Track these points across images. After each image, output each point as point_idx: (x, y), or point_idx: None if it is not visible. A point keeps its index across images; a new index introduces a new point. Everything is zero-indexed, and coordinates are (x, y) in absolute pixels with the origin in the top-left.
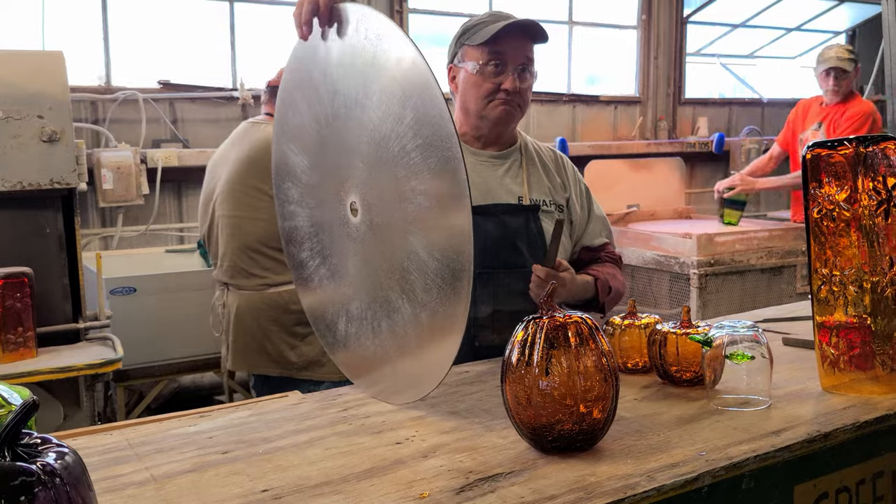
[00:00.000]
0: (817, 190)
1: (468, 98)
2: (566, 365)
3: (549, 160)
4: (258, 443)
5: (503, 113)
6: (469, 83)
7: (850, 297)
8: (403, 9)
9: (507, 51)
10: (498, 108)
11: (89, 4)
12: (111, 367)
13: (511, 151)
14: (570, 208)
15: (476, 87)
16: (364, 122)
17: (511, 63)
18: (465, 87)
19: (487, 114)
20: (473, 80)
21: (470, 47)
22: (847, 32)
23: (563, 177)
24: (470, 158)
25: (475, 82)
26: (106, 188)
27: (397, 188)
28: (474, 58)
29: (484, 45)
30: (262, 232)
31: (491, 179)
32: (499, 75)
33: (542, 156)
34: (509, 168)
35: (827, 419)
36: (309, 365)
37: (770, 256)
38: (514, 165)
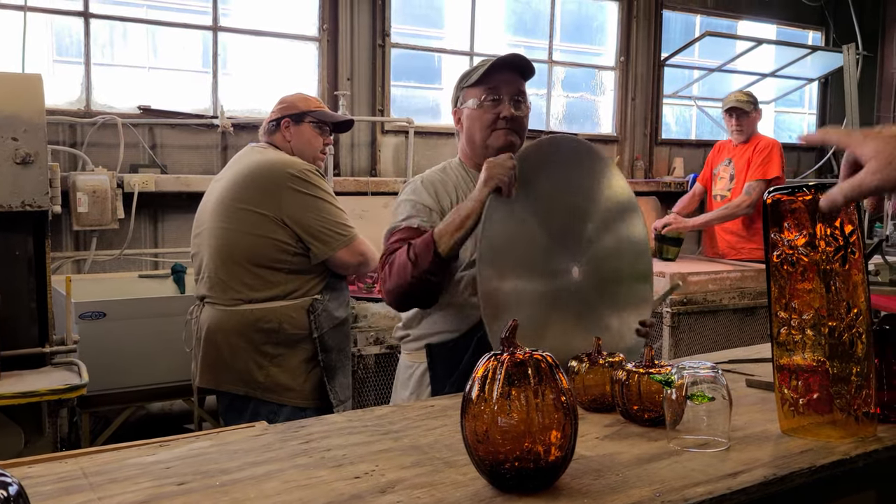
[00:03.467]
0: (777, 235)
1: (473, 131)
2: (525, 402)
3: None
4: (216, 474)
5: (505, 141)
6: (472, 118)
7: (809, 341)
8: (386, 43)
9: (501, 85)
10: (500, 137)
11: (71, 28)
12: (75, 393)
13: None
14: None
15: (478, 119)
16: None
17: (506, 95)
18: (468, 122)
19: (491, 143)
20: (475, 114)
21: (469, 88)
22: (820, 80)
23: None
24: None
25: (477, 116)
26: (81, 211)
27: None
28: (474, 96)
29: (479, 83)
30: (246, 245)
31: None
32: (497, 106)
33: None
34: None
35: (784, 462)
36: (275, 387)
37: (742, 297)
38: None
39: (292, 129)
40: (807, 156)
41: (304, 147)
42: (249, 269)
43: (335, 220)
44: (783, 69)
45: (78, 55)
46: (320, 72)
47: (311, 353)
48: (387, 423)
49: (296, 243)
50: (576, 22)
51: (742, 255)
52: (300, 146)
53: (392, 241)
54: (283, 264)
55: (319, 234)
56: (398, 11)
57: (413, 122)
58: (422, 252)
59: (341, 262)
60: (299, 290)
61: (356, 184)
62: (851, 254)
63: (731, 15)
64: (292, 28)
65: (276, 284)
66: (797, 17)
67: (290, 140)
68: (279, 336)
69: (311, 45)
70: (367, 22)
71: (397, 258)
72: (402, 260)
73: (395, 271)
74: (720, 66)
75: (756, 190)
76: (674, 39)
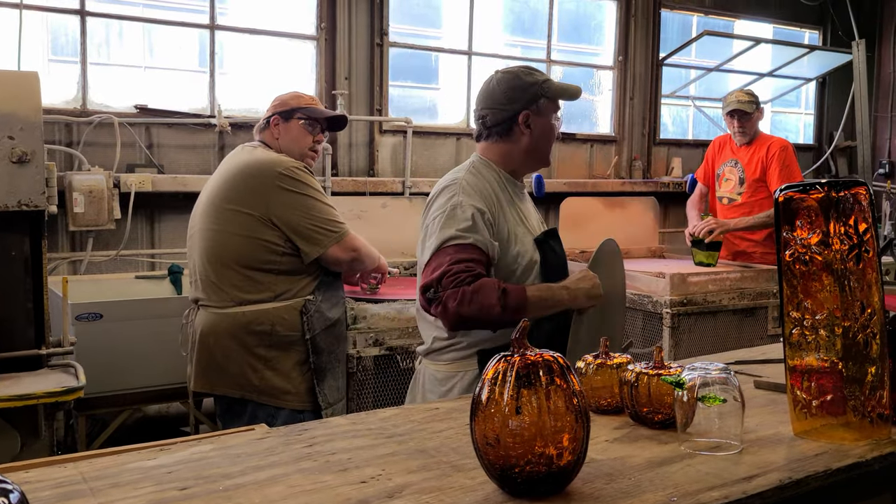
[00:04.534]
0: (789, 233)
1: (544, 144)
2: (536, 405)
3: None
4: (218, 479)
5: (549, 161)
6: (546, 131)
7: (822, 342)
8: (384, 42)
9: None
10: (550, 155)
11: (67, 26)
12: (72, 395)
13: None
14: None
15: (551, 135)
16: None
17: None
18: (541, 133)
19: (547, 159)
20: (551, 127)
21: (548, 100)
22: (817, 79)
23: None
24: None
25: (552, 129)
26: (77, 211)
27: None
28: (553, 110)
29: (556, 100)
30: (235, 247)
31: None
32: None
33: None
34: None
35: (799, 465)
36: (271, 390)
37: (742, 297)
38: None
39: (281, 127)
40: (805, 155)
41: (292, 144)
42: (239, 270)
43: (325, 216)
44: (781, 69)
45: (74, 54)
46: (318, 71)
47: (304, 355)
48: (391, 426)
49: (284, 243)
50: (574, 21)
51: (754, 260)
52: (287, 143)
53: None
54: (272, 265)
55: (307, 232)
56: (396, 10)
57: (412, 122)
58: (515, 306)
59: (334, 259)
60: (290, 290)
61: (354, 184)
62: (866, 252)
63: (729, 14)
64: (290, 27)
65: (266, 286)
66: (794, 16)
67: (278, 137)
68: (272, 338)
69: (308, 44)
70: (365, 21)
71: (483, 295)
72: (489, 301)
73: (476, 305)
74: (718, 66)
75: None
76: (670, 39)
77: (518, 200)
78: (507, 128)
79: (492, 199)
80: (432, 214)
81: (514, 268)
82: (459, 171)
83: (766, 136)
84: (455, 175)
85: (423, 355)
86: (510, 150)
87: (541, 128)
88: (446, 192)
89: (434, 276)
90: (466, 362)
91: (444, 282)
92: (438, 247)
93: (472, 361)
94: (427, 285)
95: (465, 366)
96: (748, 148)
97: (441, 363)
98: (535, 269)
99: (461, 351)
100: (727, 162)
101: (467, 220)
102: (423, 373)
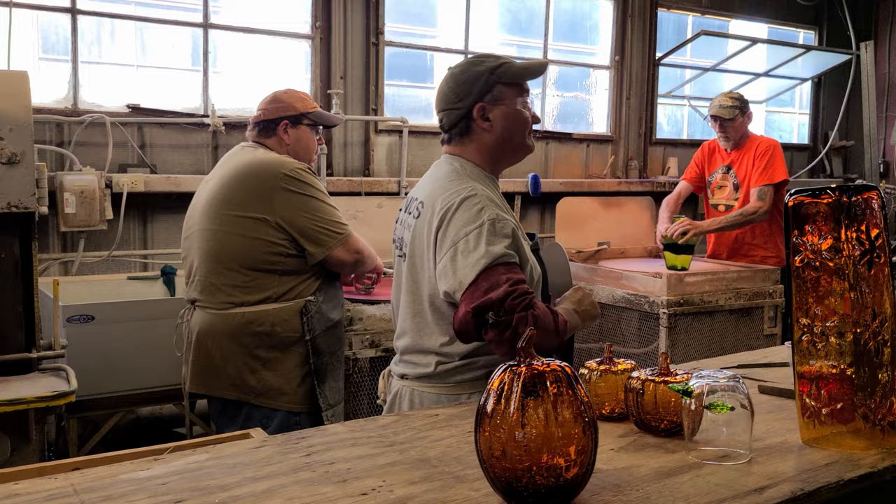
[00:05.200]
0: (799, 238)
1: (514, 133)
2: (543, 416)
3: None
4: (214, 490)
5: (532, 145)
6: (511, 119)
7: (832, 349)
8: (380, 41)
9: (527, 87)
10: (531, 141)
11: (58, 25)
12: (63, 400)
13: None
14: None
15: (520, 121)
16: None
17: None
18: (508, 122)
19: (528, 144)
20: (516, 115)
21: (506, 86)
22: (813, 80)
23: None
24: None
25: (517, 117)
26: (68, 212)
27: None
28: (512, 95)
29: (518, 83)
30: (236, 247)
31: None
32: (529, 109)
33: None
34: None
35: (810, 476)
36: (268, 392)
37: (738, 297)
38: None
39: (290, 132)
40: (800, 155)
41: (302, 150)
42: (241, 271)
43: (330, 218)
44: (776, 69)
45: (65, 52)
46: (313, 70)
47: (304, 357)
48: (391, 434)
49: (290, 244)
50: (570, 21)
51: (753, 261)
52: (299, 149)
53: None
54: (276, 266)
55: (314, 234)
56: (391, 9)
57: (407, 122)
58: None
59: (338, 261)
60: (292, 291)
61: (349, 184)
62: (877, 258)
63: (724, 14)
64: (284, 26)
65: (268, 286)
66: (790, 16)
67: (290, 143)
68: (272, 339)
69: (303, 43)
70: (360, 20)
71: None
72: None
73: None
74: (714, 66)
75: (768, 195)
76: (666, 39)
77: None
78: (466, 126)
79: (504, 208)
80: (461, 229)
81: (532, 283)
82: (463, 179)
83: (755, 138)
84: (464, 183)
85: (413, 379)
86: (477, 148)
87: (502, 118)
88: (469, 203)
89: (493, 298)
90: (479, 383)
91: (507, 304)
92: (489, 265)
93: (482, 383)
94: (484, 307)
95: (476, 386)
96: (738, 152)
97: (445, 385)
98: (540, 283)
99: (474, 371)
100: (719, 169)
101: (509, 236)
102: (411, 396)
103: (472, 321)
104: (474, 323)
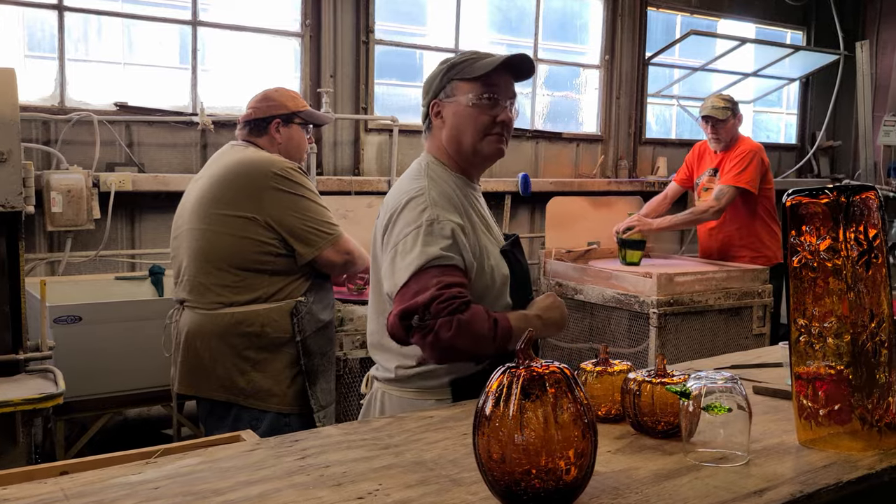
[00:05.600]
0: (797, 238)
1: (462, 131)
2: (543, 419)
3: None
4: (208, 495)
5: (496, 149)
6: (462, 116)
7: (830, 350)
8: (370, 40)
9: (500, 84)
10: (493, 143)
11: (44, 22)
12: (51, 402)
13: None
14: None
15: (472, 119)
16: None
17: (503, 97)
18: (457, 120)
19: (482, 148)
20: (468, 112)
21: (462, 81)
22: (801, 80)
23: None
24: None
25: (470, 115)
26: (55, 211)
27: None
28: (468, 91)
29: (478, 79)
30: (225, 247)
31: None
32: (493, 108)
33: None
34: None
35: (809, 478)
36: (258, 393)
37: (728, 297)
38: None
39: (283, 131)
40: (788, 155)
41: (294, 149)
42: (231, 271)
43: (320, 218)
44: (765, 69)
45: (51, 50)
46: (302, 68)
47: (294, 358)
48: (385, 437)
49: (280, 244)
50: (560, 20)
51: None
52: (291, 148)
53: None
54: (266, 265)
55: (303, 234)
56: (381, 8)
57: (397, 121)
58: (503, 337)
59: (328, 262)
60: (282, 291)
61: (339, 183)
62: (875, 258)
63: (713, 14)
64: (274, 23)
65: (258, 286)
66: (778, 16)
67: (281, 142)
68: (262, 340)
69: (293, 41)
70: (350, 18)
71: (476, 325)
72: (483, 331)
73: (472, 336)
74: (703, 66)
75: (726, 196)
76: (655, 39)
77: (478, 204)
78: (429, 124)
79: (460, 207)
80: (402, 230)
81: (489, 284)
82: (419, 178)
83: (742, 140)
84: (415, 183)
85: (380, 380)
86: (437, 146)
87: (452, 114)
88: (414, 204)
89: (419, 301)
90: (440, 391)
91: (433, 308)
92: (421, 267)
93: (445, 391)
94: (410, 311)
95: (438, 394)
96: (726, 154)
97: (410, 390)
98: (507, 284)
99: (434, 380)
100: (706, 172)
101: (448, 237)
102: (381, 398)
103: (399, 324)
104: (401, 326)
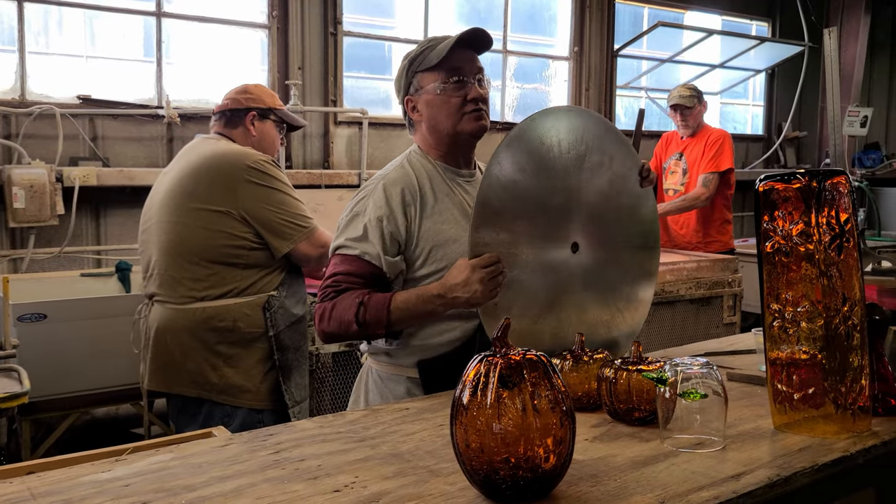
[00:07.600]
0: (770, 224)
1: (438, 119)
2: (521, 407)
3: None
4: (180, 491)
5: (478, 125)
6: (435, 105)
7: (803, 334)
8: (338, 31)
9: (462, 64)
10: (472, 121)
11: (3, 14)
12: (15, 402)
13: (475, 173)
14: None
15: (443, 105)
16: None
17: (469, 74)
18: (432, 110)
19: (462, 128)
20: (438, 100)
21: (425, 73)
22: (767, 71)
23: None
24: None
25: (441, 102)
26: (17, 207)
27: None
28: (432, 80)
29: (439, 66)
30: (197, 240)
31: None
32: (462, 88)
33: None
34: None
35: (785, 462)
36: (230, 389)
37: (699, 287)
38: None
39: (258, 125)
40: (755, 146)
41: (268, 145)
42: (202, 265)
43: (294, 212)
44: (731, 60)
45: (11, 42)
46: (270, 60)
47: (266, 353)
48: (361, 429)
49: (253, 237)
50: (529, 12)
51: (698, 249)
52: (264, 143)
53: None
54: (239, 259)
55: (278, 227)
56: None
57: (367, 113)
58: (373, 321)
59: (303, 255)
60: (255, 286)
61: (309, 176)
62: (846, 242)
63: (679, 6)
64: (240, 14)
65: (230, 281)
66: (744, 8)
67: (255, 135)
68: (233, 335)
69: (260, 33)
70: (318, 9)
71: (340, 310)
72: (347, 318)
73: (336, 322)
74: (671, 58)
75: (712, 182)
76: (622, 31)
77: (460, 191)
78: (409, 120)
79: (414, 197)
80: (342, 215)
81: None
82: (388, 168)
83: (708, 129)
84: (385, 171)
85: (368, 353)
86: (421, 138)
87: (425, 106)
88: (361, 193)
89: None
90: (407, 370)
91: (319, 294)
92: (333, 253)
93: (412, 371)
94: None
95: (409, 372)
96: (692, 140)
97: (383, 362)
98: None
99: (403, 358)
100: (673, 156)
101: (359, 229)
102: (367, 372)
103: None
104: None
